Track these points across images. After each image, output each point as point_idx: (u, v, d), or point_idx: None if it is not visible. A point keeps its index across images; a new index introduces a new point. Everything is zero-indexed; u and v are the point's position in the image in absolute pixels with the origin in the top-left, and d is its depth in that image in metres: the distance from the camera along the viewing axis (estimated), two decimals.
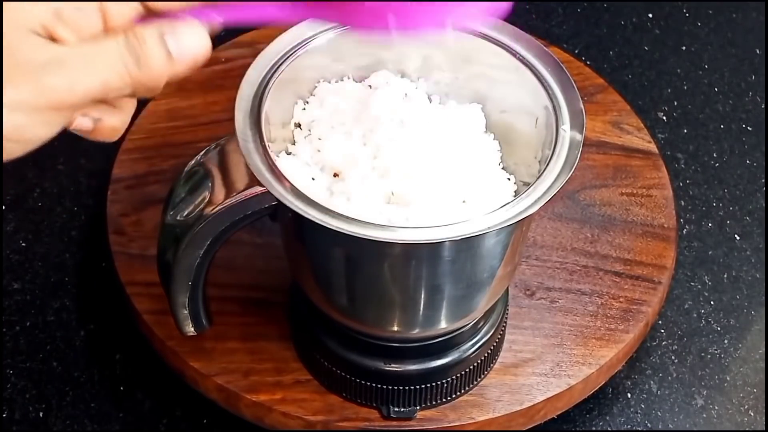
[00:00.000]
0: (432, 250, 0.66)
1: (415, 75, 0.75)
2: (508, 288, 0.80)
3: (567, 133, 0.68)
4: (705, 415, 0.83)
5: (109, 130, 0.60)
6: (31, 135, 0.56)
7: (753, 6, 1.12)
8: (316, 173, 0.70)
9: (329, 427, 0.77)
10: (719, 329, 0.88)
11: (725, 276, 0.91)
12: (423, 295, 0.70)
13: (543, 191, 0.65)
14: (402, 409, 0.76)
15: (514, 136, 0.73)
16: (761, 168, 0.98)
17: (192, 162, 0.69)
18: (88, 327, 0.86)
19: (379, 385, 0.75)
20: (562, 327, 0.82)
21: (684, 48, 1.09)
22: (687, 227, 0.94)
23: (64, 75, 0.54)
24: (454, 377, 0.76)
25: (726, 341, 0.87)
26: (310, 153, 0.71)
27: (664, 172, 0.92)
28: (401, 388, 0.75)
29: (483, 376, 0.79)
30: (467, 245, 0.66)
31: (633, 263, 0.86)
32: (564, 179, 0.66)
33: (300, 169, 0.70)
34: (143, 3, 0.57)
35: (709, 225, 0.94)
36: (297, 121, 0.73)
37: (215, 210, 0.66)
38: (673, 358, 0.86)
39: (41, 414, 0.81)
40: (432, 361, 0.75)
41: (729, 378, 0.85)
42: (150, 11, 0.58)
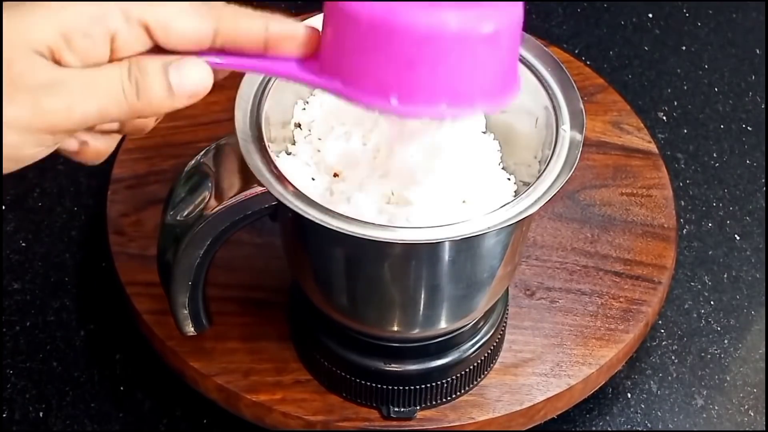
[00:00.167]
0: (432, 250, 0.66)
1: None
2: (508, 288, 0.80)
3: (567, 133, 0.68)
4: (705, 415, 0.83)
5: (94, 154, 0.59)
6: (21, 155, 0.55)
7: (753, 6, 1.12)
8: (316, 173, 0.70)
9: (329, 427, 0.77)
10: (719, 329, 0.88)
11: (725, 276, 0.91)
12: (423, 295, 0.70)
13: (543, 191, 0.65)
14: (402, 409, 0.76)
15: (514, 136, 0.73)
16: (761, 168, 0.98)
17: (192, 162, 0.68)
18: (88, 327, 0.86)
19: (379, 385, 0.75)
20: (562, 327, 0.82)
21: (684, 48, 1.08)
22: (687, 227, 0.94)
23: (62, 98, 0.54)
24: (454, 377, 0.76)
25: (726, 341, 0.87)
26: (310, 153, 0.71)
27: (664, 172, 0.92)
28: (401, 388, 0.75)
29: (483, 376, 0.79)
30: (467, 245, 0.66)
31: (633, 263, 0.86)
32: (564, 179, 0.66)
33: (300, 169, 0.70)
34: (153, 39, 0.56)
35: (709, 225, 0.94)
36: (297, 121, 0.73)
37: (215, 210, 0.66)
38: (673, 358, 0.86)
39: (41, 414, 0.81)
40: (432, 361, 0.75)
41: (729, 378, 0.85)
42: (159, 47, 0.57)
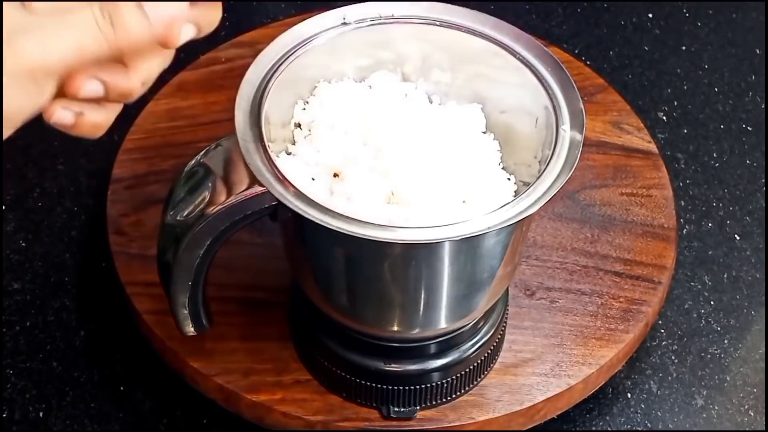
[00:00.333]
0: (432, 250, 0.66)
1: (415, 75, 0.75)
2: (508, 288, 0.80)
3: (567, 133, 0.68)
4: (705, 415, 0.83)
5: (91, 126, 0.58)
6: (13, 106, 0.54)
7: (753, 6, 1.12)
8: (316, 173, 0.70)
9: (329, 427, 0.77)
10: (719, 329, 0.88)
11: (725, 276, 0.91)
12: (423, 295, 0.70)
13: (543, 191, 0.65)
14: (402, 409, 0.76)
15: (514, 136, 0.73)
16: (761, 168, 0.98)
17: (192, 162, 0.68)
18: (88, 327, 0.86)
19: (379, 385, 0.75)
20: (562, 327, 0.82)
21: (684, 48, 1.08)
22: (687, 227, 0.94)
23: (37, 38, 0.53)
24: (454, 377, 0.76)
25: (726, 341, 0.87)
26: (310, 153, 0.71)
27: (664, 172, 0.92)
28: (401, 388, 0.75)
29: (483, 376, 0.79)
30: (467, 245, 0.66)
31: (633, 263, 0.86)
32: (564, 179, 0.66)
33: (300, 169, 0.70)
34: None
35: (709, 225, 0.94)
36: (297, 121, 0.73)
37: (215, 210, 0.66)
38: (673, 358, 0.86)
39: (41, 414, 0.81)
40: (432, 361, 0.75)
41: (729, 378, 0.85)
42: None
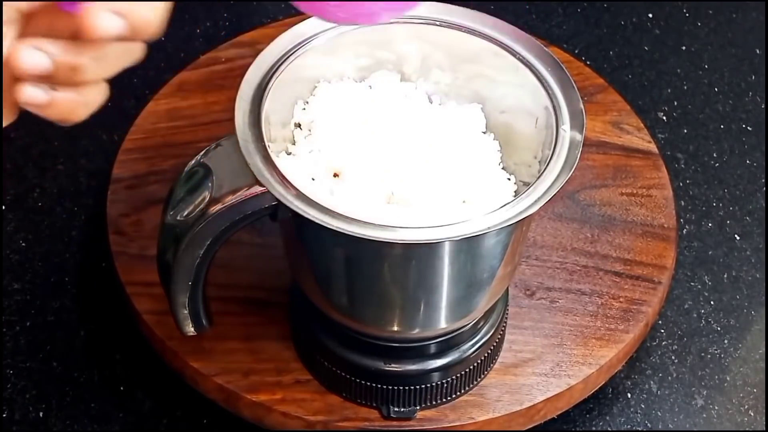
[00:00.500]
0: (432, 250, 0.66)
1: (415, 75, 0.75)
2: (508, 288, 0.80)
3: (567, 133, 0.68)
4: (705, 415, 0.83)
5: (66, 109, 0.54)
6: None
7: (753, 6, 1.12)
8: (316, 173, 0.70)
9: (329, 427, 0.77)
10: (719, 329, 0.88)
11: (725, 276, 0.91)
12: (423, 295, 0.70)
13: (543, 191, 0.65)
14: (402, 409, 0.76)
15: (514, 136, 0.73)
16: (761, 168, 0.98)
17: (192, 162, 0.68)
18: (88, 327, 0.86)
19: (379, 385, 0.75)
20: (562, 327, 0.82)
21: (684, 48, 1.08)
22: (687, 227, 0.94)
23: None
24: (454, 377, 0.76)
25: (726, 341, 0.87)
26: (310, 153, 0.71)
27: (664, 172, 0.92)
28: (401, 388, 0.75)
29: (483, 376, 0.79)
30: (467, 245, 0.66)
31: (633, 263, 0.86)
32: (564, 179, 0.66)
33: (300, 169, 0.70)
34: None
35: (709, 225, 0.94)
36: (297, 121, 0.73)
37: (215, 210, 0.66)
38: (673, 358, 0.86)
39: (41, 414, 0.81)
40: (432, 361, 0.75)
41: (729, 378, 0.85)
42: None
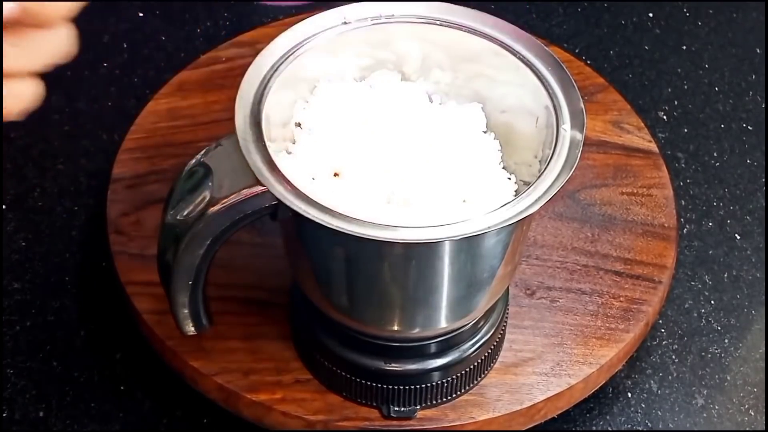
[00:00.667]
0: (432, 249, 0.66)
1: (415, 75, 0.75)
2: (508, 287, 0.80)
3: (567, 133, 0.68)
4: (705, 415, 0.83)
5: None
6: None
7: (753, 6, 1.12)
8: (316, 173, 0.70)
9: (329, 427, 0.77)
10: (719, 329, 0.88)
11: (725, 275, 0.91)
12: (423, 295, 0.70)
13: (543, 191, 0.65)
14: (402, 409, 0.76)
15: (514, 135, 0.73)
16: (761, 167, 0.98)
17: (192, 161, 0.68)
18: (88, 327, 0.86)
19: (379, 385, 0.75)
20: (562, 326, 0.82)
21: (684, 47, 1.09)
22: (687, 227, 0.94)
23: None
24: (454, 377, 0.76)
25: (726, 341, 0.87)
26: (310, 152, 0.71)
27: (664, 171, 0.92)
28: (401, 387, 0.75)
29: (483, 375, 0.79)
30: (467, 245, 0.66)
31: (633, 263, 0.86)
32: (564, 179, 0.66)
33: (300, 169, 0.70)
34: None
35: (710, 224, 0.94)
36: (297, 121, 0.73)
37: (215, 209, 0.66)
38: (674, 357, 0.86)
39: (41, 414, 0.81)
40: (432, 361, 0.75)
41: (729, 377, 0.85)
42: None
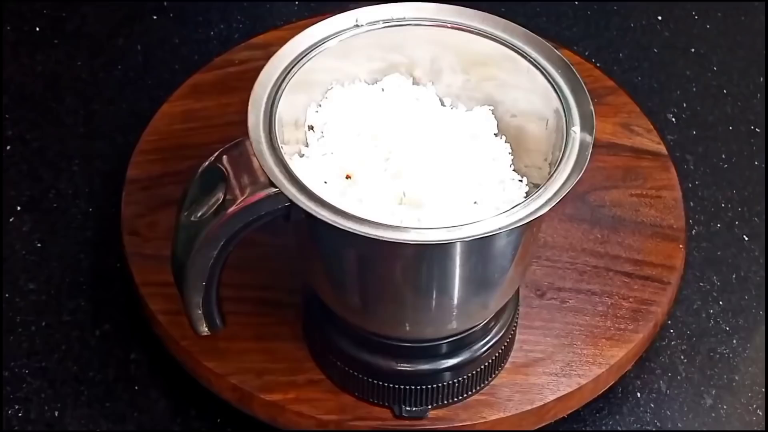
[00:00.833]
0: (444, 250, 0.67)
1: (427, 78, 0.76)
2: (518, 288, 0.80)
3: (577, 135, 0.68)
4: (714, 415, 0.83)
5: None
6: None
7: (761, 9, 1.12)
8: (328, 175, 0.70)
9: (342, 427, 0.77)
10: (728, 329, 0.88)
11: (734, 276, 0.91)
12: (435, 296, 0.70)
13: (553, 192, 0.66)
14: (414, 409, 0.77)
15: (525, 138, 0.73)
16: None
17: (206, 163, 0.69)
18: (102, 327, 0.86)
19: (392, 385, 0.76)
20: (572, 327, 0.82)
21: (693, 50, 1.09)
22: (696, 228, 0.94)
23: None
24: (465, 377, 0.76)
25: (735, 341, 0.87)
26: (322, 155, 0.71)
27: (673, 173, 0.92)
28: (413, 387, 0.76)
29: (494, 375, 0.79)
30: (479, 246, 0.67)
31: (642, 264, 0.86)
32: (574, 181, 0.66)
33: (313, 171, 0.70)
34: None
35: (718, 226, 0.94)
36: (310, 124, 0.74)
37: (229, 211, 0.66)
38: (683, 358, 0.86)
39: (56, 413, 0.82)
40: (444, 361, 0.76)
41: (738, 378, 0.85)
42: None
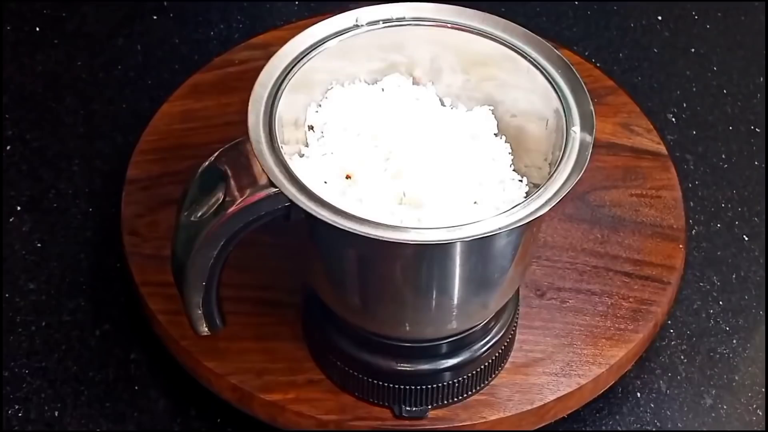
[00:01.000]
0: (443, 250, 0.67)
1: (427, 78, 0.76)
2: (518, 288, 0.80)
3: (577, 135, 0.69)
4: (714, 415, 0.83)
5: None
6: None
7: (761, 8, 1.12)
8: (328, 175, 0.70)
9: (342, 427, 0.77)
10: (728, 329, 0.88)
11: (734, 276, 0.91)
12: (434, 296, 0.70)
13: (553, 192, 0.66)
14: (414, 409, 0.77)
15: (525, 138, 0.73)
16: None
17: (206, 163, 0.69)
18: (102, 327, 0.86)
19: (391, 385, 0.76)
20: (572, 327, 0.82)
21: (693, 50, 1.09)
22: (696, 228, 0.94)
23: None
24: (465, 377, 0.76)
25: (734, 341, 0.87)
26: (322, 155, 0.71)
27: (673, 173, 0.92)
28: (413, 387, 0.76)
29: (494, 375, 0.79)
30: (478, 246, 0.67)
31: (642, 264, 0.86)
32: (574, 181, 0.66)
33: (313, 171, 0.70)
34: None
35: (718, 226, 0.94)
36: (310, 124, 0.74)
37: (229, 211, 0.66)
38: (682, 357, 0.86)
39: (56, 413, 0.82)
40: (444, 361, 0.76)
41: (738, 378, 0.85)
42: None
